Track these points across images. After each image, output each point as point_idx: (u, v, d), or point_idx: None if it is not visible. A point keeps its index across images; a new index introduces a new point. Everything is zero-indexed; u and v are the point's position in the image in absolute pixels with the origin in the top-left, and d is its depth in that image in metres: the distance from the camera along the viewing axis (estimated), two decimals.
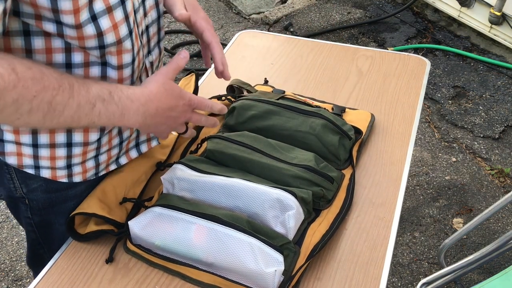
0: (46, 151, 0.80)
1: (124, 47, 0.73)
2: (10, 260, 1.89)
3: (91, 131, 0.80)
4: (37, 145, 0.79)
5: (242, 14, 3.35)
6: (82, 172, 0.86)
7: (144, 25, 0.80)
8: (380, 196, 0.96)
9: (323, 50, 1.39)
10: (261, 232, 0.80)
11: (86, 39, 0.68)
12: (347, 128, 1.02)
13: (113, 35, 0.70)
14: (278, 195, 0.83)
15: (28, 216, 0.92)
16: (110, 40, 0.70)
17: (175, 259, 0.82)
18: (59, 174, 0.83)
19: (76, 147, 0.81)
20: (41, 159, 0.81)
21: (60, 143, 0.79)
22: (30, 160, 0.81)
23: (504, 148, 2.34)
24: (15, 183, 0.86)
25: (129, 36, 0.73)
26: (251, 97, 1.09)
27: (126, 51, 0.74)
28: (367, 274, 0.82)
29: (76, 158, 0.83)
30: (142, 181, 0.95)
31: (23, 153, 0.80)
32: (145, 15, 0.79)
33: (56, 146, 0.79)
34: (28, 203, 0.89)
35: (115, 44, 0.71)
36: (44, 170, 0.82)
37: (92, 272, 0.83)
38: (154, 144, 0.97)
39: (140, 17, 0.77)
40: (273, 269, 0.74)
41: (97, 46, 0.70)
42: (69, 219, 0.87)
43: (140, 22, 0.78)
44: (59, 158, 0.81)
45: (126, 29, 0.72)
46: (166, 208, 0.84)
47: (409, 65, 1.32)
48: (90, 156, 0.85)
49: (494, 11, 2.76)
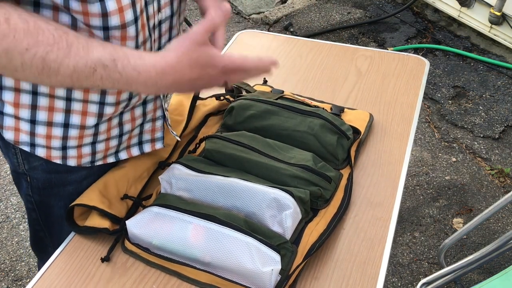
0: (43, 129, 0.80)
1: (128, 33, 0.72)
2: (10, 260, 1.90)
3: (88, 115, 0.80)
4: (34, 121, 0.79)
5: (242, 14, 3.35)
6: (77, 156, 0.86)
7: (157, 19, 0.78)
8: (378, 196, 0.96)
9: (322, 50, 1.39)
10: (258, 232, 0.80)
11: (91, 16, 0.67)
12: (346, 128, 1.02)
13: (118, 18, 0.69)
14: (275, 194, 0.83)
15: (29, 194, 0.93)
16: (115, 22, 0.69)
17: (173, 258, 0.82)
18: (54, 155, 0.84)
19: (72, 128, 0.81)
20: (37, 137, 0.81)
21: (57, 122, 0.80)
22: (26, 137, 0.81)
23: (504, 148, 2.34)
24: (18, 159, 0.87)
25: (134, 23, 0.71)
26: (249, 97, 1.09)
27: (129, 38, 0.73)
28: (365, 273, 0.82)
29: (72, 141, 0.83)
30: (144, 177, 0.95)
31: (21, 129, 0.80)
32: (159, 9, 0.78)
33: (53, 125, 0.80)
34: (29, 181, 0.90)
35: (119, 28, 0.70)
36: (39, 149, 0.83)
37: (90, 271, 0.83)
38: (159, 146, 0.96)
39: (154, 10, 0.76)
40: (270, 268, 0.75)
41: (101, 27, 0.69)
42: (69, 208, 0.87)
43: (152, 15, 0.77)
44: (55, 138, 0.81)
45: (131, 15, 0.70)
46: (164, 207, 0.84)
47: (408, 65, 1.32)
48: (86, 142, 0.85)
49: (494, 11, 2.75)
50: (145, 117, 0.90)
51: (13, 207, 2.09)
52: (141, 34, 0.75)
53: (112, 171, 0.93)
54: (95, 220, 0.86)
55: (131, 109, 0.86)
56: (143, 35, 0.76)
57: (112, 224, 0.87)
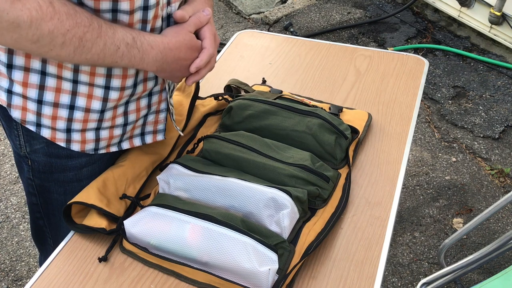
0: (49, 109, 0.82)
1: (134, 19, 0.77)
2: (10, 260, 1.90)
3: (94, 98, 0.82)
4: (41, 101, 0.81)
5: (242, 14, 3.36)
6: (81, 141, 0.87)
7: (165, 12, 0.83)
8: (376, 196, 0.96)
9: (321, 49, 1.39)
10: (256, 231, 0.80)
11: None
12: (344, 128, 1.02)
13: (128, 4, 0.74)
14: (273, 194, 0.83)
15: (30, 177, 0.94)
16: (124, 7, 0.74)
17: (170, 258, 0.82)
18: (58, 137, 0.86)
19: (77, 111, 0.83)
20: (43, 117, 0.83)
21: (63, 103, 0.82)
22: (33, 117, 0.83)
23: (504, 148, 2.34)
24: (20, 141, 0.89)
25: (141, 9, 0.77)
26: (248, 97, 1.09)
27: (136, 22, 0.78)
28: (362, 273, 0.82)
29: (77, 124, 0.85)
30: (142, 177, 0.96)
31: (28, 108, 0.83)
32: (168, 3, 0.82)
33: (59, 106, 0.82)
34: (30, 164, 0.92)
35: (128, 13, 0.75)
36: (44, 129, 0.85)
37: (88, 271, 0.83)
38: (160, 138, 0.98)
39: (163, 2, 0.81)
40: (266, 268, 0.75)
41: (110, 9, 0.74)
42: (66, 206, 0.87)
43: (162, 6, 0.81)
44: (60, 119, 0.83)
45: (141, 2, 0.76)
46: (162, 207, 0.84)
47: (408, 64, 1.32)
48: (90, 127, 0.86)
49: (494, 11, 2.75)
50: (149, 109, 0.92)
51: (13, 207, 2.09)
52: (150, 23, 0.80)
53: (111, 169, 0.93)
54: (93, 219, 0.87)
55: (137, 100, 0.88)
56: (152, 24, 0.81)
57: (110, 223, 0.87)
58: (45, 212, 0.99)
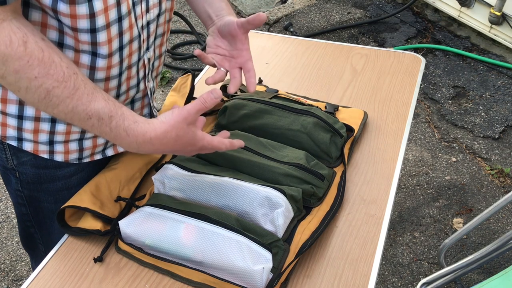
0: (30, 124, 0.81)
1: (111, 33, 0.74)
2: (10, 260, 1.90)
3: None
4: (22, 116, 0.80)
5: (242, 14, 3.36)
6: (64, 152, 0.86)
7: (145, 20, 0.80)
8: (371, 194, 0.95)
9: (317, 48, 1.39)
10: (250, 230, 0.80)
11: (79, 18, 0.69)
12: (339, 126, 1.02)
13: (104, 18, 0.71)
14: (267, 193, 0.83)
15: (18, 189, 0.93)
16: (101, 23, 0.71)
17: (165, 258, 0.82)
18: (41, 149, 0.85)
19: (60, 123, 0.82)
20: (25, 132, 0.82)
21: (45, 117, 0.81)
22: (13, 132, 0.82)
23: (504, 148, 2.33)
24: (7, 154, 0.88)
25: (117, 22, 0.73)
26: (243, 96, 1.09)
27: (114, 38, 0.75)
28: (357, 271, 0.82)
29: (59, 136, 0.84)
30: (136, 178, 0.96)
31: (8, 124, 0.81)
32: (147, 10, 0.80)
33: (41, 120, 0.81)
34: (18, 176, 0.91)
35: (105, 29, 0.72)
36: (26, 143, 0.84)
37: (83, 272, 0.83)
38: None
39: (142, 11, 0.78)
40: (260, 267, 0.74)
41: (88, 29, 0.71)
42: (59, 210, 0.87)
43: (141, 15, 0.78)
44: (42, 132, 0.82)
45: (115, 14, 0.72)
46: (156, 207, 0.84)
47: (404, 62, 1.31)
48: (73, 138, 0.85)
49: (494, 11, 2.75)
50: None
51: (13, 207, 2.10)
52: (127, 33, 0.76)
53: (103, 172, 0.93)
54: (87, 222, 0.86)
55: None
56: (130, 34, 0.77)
57: (105, 225, 0.87)
58: (35, 220, 0.98)
